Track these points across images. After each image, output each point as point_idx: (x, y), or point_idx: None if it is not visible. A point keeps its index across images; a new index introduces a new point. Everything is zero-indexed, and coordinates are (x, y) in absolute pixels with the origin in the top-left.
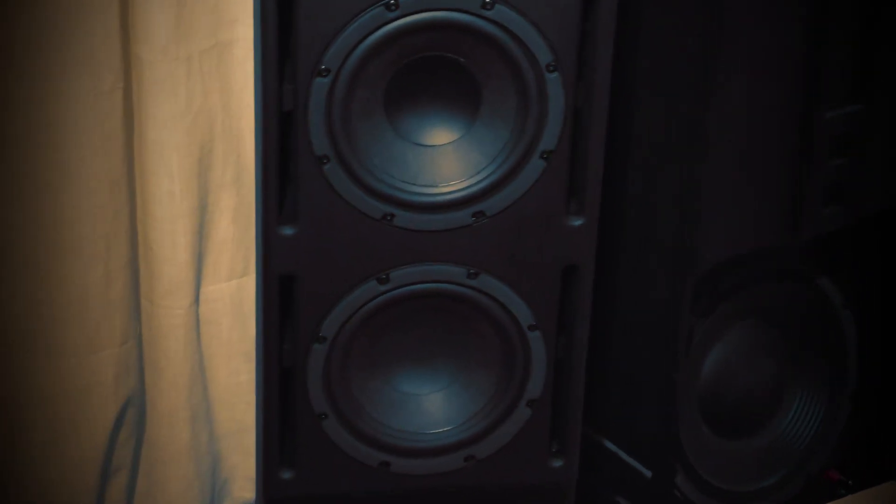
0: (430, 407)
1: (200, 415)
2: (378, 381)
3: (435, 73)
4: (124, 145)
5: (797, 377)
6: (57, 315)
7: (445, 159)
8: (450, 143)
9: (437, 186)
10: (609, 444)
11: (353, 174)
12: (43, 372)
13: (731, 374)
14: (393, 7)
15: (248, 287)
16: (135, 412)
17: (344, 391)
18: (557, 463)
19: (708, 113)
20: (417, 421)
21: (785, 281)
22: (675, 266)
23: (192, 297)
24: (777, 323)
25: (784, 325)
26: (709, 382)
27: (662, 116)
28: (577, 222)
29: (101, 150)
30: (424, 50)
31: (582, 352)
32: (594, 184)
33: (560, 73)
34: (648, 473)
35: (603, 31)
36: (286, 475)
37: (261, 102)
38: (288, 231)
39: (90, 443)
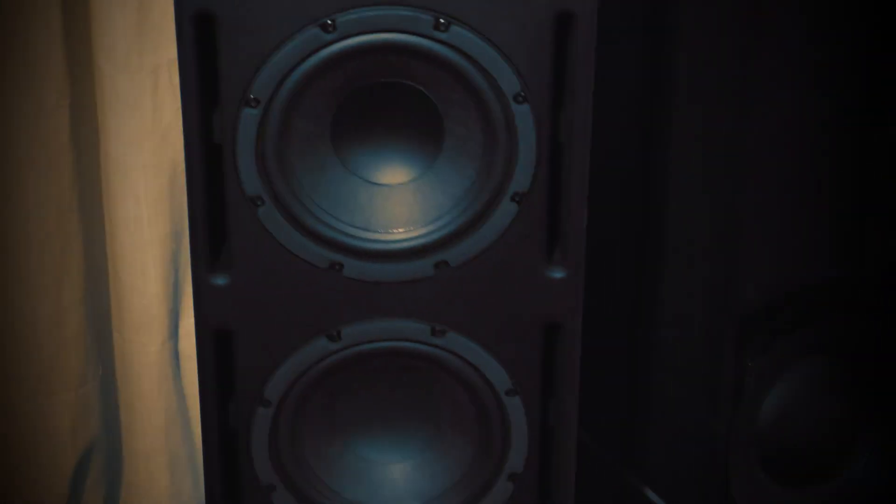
0: (397, 478)
1: (181, 458)
2: (336, 448)
3: (391, 102)
4: (73, 168)
5: (874, 419)
6: (8, 350)
7: (403, 201)
8: (408, 182)
9: (392, 232)
10: (651, 495)
11: (294, 217)
12: None
13: (795, 416)
14: (330, 28)
15: None
16: (102, 456)
17: (295, 460)
18: None
19: (746, 133)
20: (382, 494)
21: (858, 314)
22: (714, 307)
23: (168, 332)
24: (850, 360)
25: (858, 363)
26: (769, 425)
27: (691, 137)
28: (559, 275)
29: (46, 174)
30: (375, 76)
31: (571, 420)
32: (577, 231)
33: (530, 104)
34: None
35: (581, 54)
36: None
37: (185, 134)
38: (221, 281)
39: (50, 491)
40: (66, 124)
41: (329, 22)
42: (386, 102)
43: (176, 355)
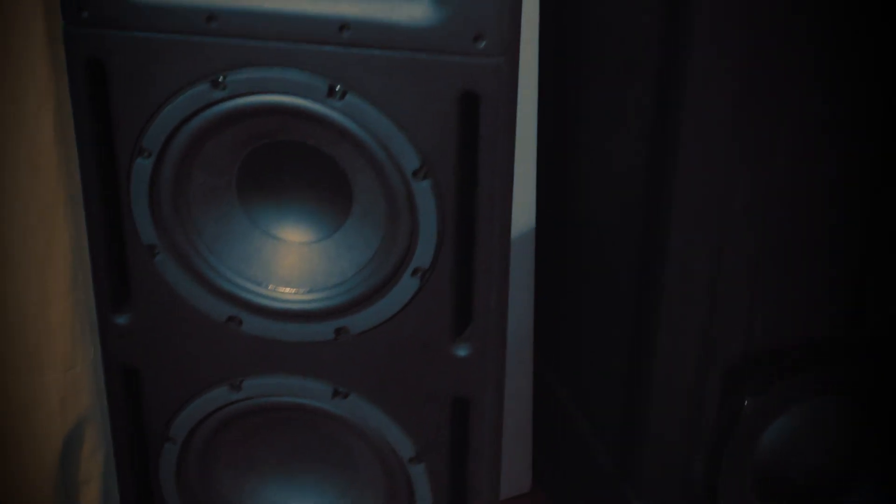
0: None
1: None
2: (247, 486)
3: (301, 160)
4: (57, 167)
5: (873, 454)
6: None
7: (307, 261)
8: (313, 242)
9: (292, 292)
10: None
11: (191, 268)
12: None
13: (794, 450)
14: (220, 86)
15: None
16: (98, 429)
17: (205, 493)
18: None
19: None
20: None
21: (861, 360)
22: (701, 359)
23: None
24: (853, 400)
25: (867, 404)
26: (766, 455)
27: (692, 188)
28: (464, 352)
29: (29, 172)
30: (277, 135)
31: (484, 494)
32: (486, 310)
33: (432, 180)
34: None
35: (489, 135)
36: None
37: (82, 178)
38: (122, 320)
39: (37, 461)
40: (51, 125)
41: (219, 79)
42: (296, 160)
43: None
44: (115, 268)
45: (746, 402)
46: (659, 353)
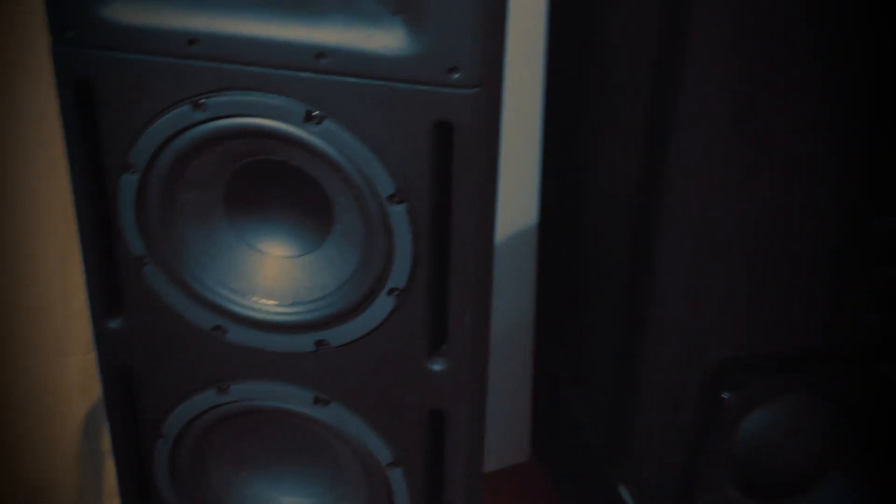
0: None
1: None
2: (238, 481)
3: (286, 178)
4: None
5: (847, 453)
6: (24, 318)
7: (289, 275)
8: (295, 256)
9: (274, 304)
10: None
11: (178, 279)
12: (14, 367)
13: (769, 444)
14: (201, 108)
15: None
16: None
17: (197, 487)
18: None
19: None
20: None
21: (841, 364)
22: (683, 359)
23: None
24: (832, 400)
25: (840, 403)
26: (745, 446)
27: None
28: (439, 367)
29: (47, 173)
30: (260, 154)
31: (459, 501)
32: (460, 328)
33: (407, 204)
34: None
35: (462, 162)
36: None
37: (74, 191)
38: (115, 324)
39: (62, 434)
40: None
41: (201, 101)
42: (281, 178)
43: None
44: (108, 275)
45: (724, 397)
46: (645, 351)
